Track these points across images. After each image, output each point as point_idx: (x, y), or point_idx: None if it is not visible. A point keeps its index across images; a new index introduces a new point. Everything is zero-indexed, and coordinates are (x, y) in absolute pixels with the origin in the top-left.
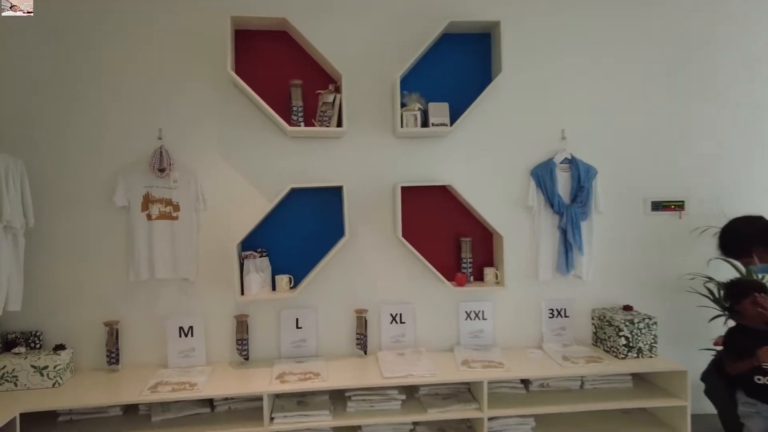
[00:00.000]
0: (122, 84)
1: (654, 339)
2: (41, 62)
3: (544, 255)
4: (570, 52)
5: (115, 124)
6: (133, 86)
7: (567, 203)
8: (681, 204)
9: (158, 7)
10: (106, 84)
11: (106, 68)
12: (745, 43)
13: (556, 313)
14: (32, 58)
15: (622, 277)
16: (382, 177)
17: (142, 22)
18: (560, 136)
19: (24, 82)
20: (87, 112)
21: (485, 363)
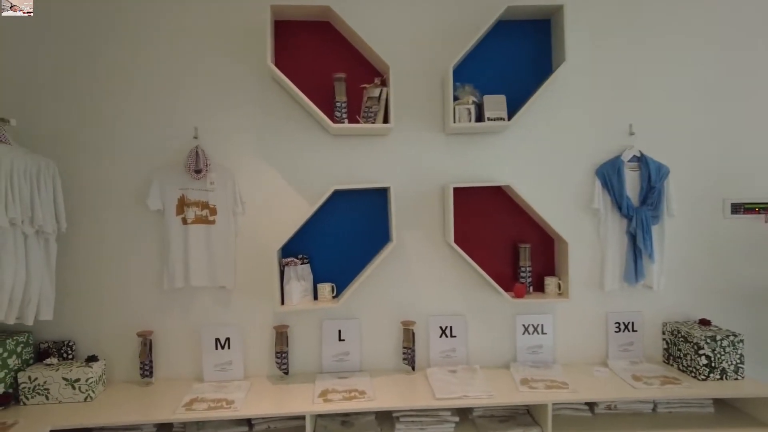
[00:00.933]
0: (156, 80)
1: (740, 359)
2: (73, 61)
3: (610, 263)
4: (640, 40)
5: (148, 123)
6: (168, 82)
7: (636, 205)
8: (765, 206)
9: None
10: (139, 81)
11: (139, 64)
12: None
13: (623, 327)
14: (63, 56)
15: (697, 287)
16: (431, 177)
17: (176, 13)
18: (628, 132)
19: (56, 82)
20: (120, 110)
21: (547, 383)
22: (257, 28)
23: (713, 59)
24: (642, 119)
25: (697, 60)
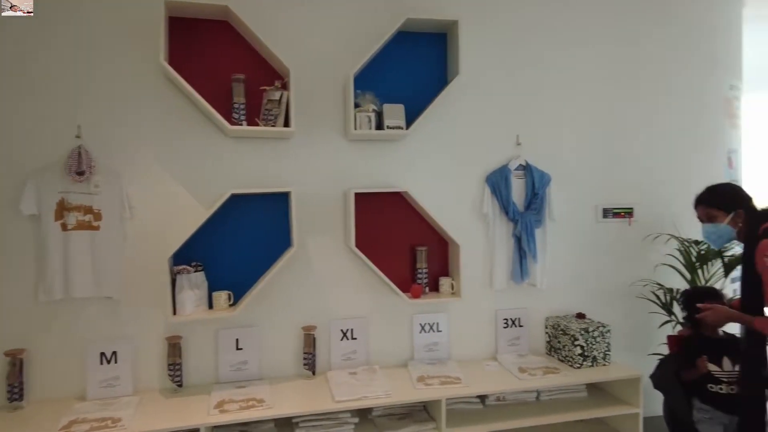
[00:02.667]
0: (33, 74)
1: (608, 347)
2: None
3: (499, 263)
4: (528, 57)
5: (24, 121)
6: (47, 77)
7: (521, 211)
8: (630, 211)
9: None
10: (13, 73)
11: (14, 55)
12: (697, 58)
13: (511, 323)
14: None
15: (574, 284)
16: (333, 182)
17: (66, 4)
18: (515, 142)
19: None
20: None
21: (442, 379)
22: (151, 24)
23: (593, 80)
24: (528, 131)
25: (578, 79)
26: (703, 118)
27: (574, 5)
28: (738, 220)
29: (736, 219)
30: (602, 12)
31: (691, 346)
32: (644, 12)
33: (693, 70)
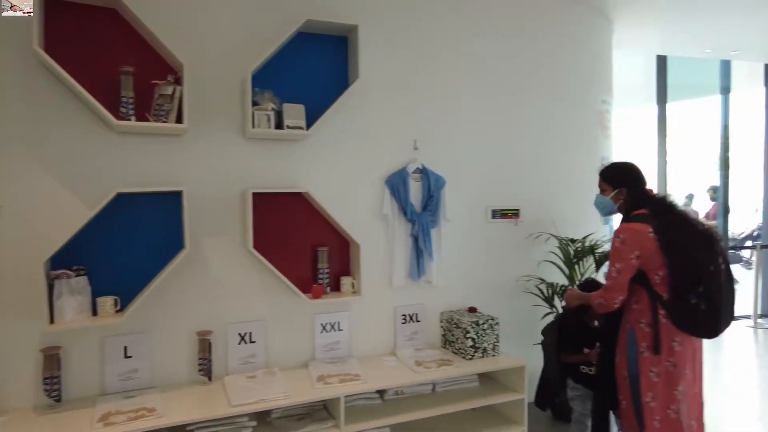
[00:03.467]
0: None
1: (497, 338)
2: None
3: (397, 262)
4: (425, 64)
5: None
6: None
7: (418, 211)
8: (516, 212)
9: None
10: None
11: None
12: (575, 74)
13: (409, 319)
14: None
15: (467, 280)
16: (230, 182)
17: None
18: (413, 146)
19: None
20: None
21: (342, 377)
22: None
23: (484, 90)
24: (425, 136)
25: (470, 89)
26: (580, 128)
27: (469, 19)
28: (620, 197)
29: (619, 195)
30: (493, 28)
31: (572, 334)
32: (531, 30)
33: (572, 85)
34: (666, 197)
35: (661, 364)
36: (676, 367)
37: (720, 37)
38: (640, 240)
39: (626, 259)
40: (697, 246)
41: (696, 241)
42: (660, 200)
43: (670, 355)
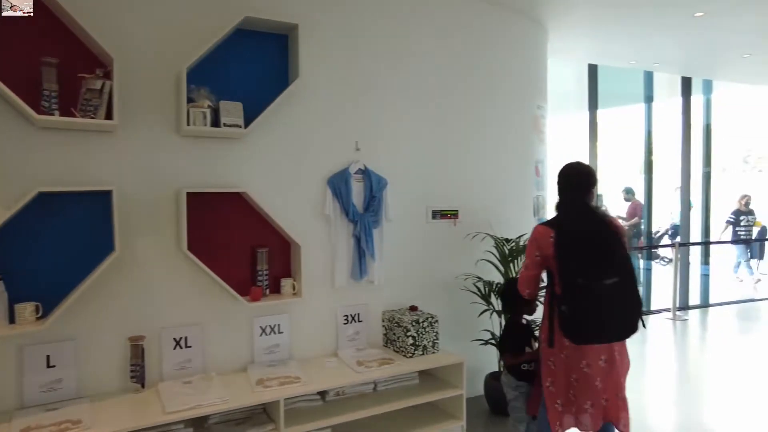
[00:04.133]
0: None
1: (436, 336)
2: None
3: (339, 262)
4: (367, 66)
5: None
6: None
7: (361, 212)
8: (455, 212)
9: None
10: None
11: None
12: (513, 80)
13: (351, 319)
14: None
15: (408, 279)
16: (164, 181)
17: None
18: (355, 147)
19: None
20: None
21: (282, 379)
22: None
23: (426, 94)
24: (367, 137)
25: (412, 92)
26: (517, 132)
27: (410, 24)
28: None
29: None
30: (433, 32)
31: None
32: (470, 35)
33: (509, 90)
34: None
35: (557, 356)
36: (569, 359)
37: (643, 50)
38: (539, 242)
39: (531, 256)
40: (579, 258)
41: (581, 253)
42: (572, 207)
43: (562, 349)
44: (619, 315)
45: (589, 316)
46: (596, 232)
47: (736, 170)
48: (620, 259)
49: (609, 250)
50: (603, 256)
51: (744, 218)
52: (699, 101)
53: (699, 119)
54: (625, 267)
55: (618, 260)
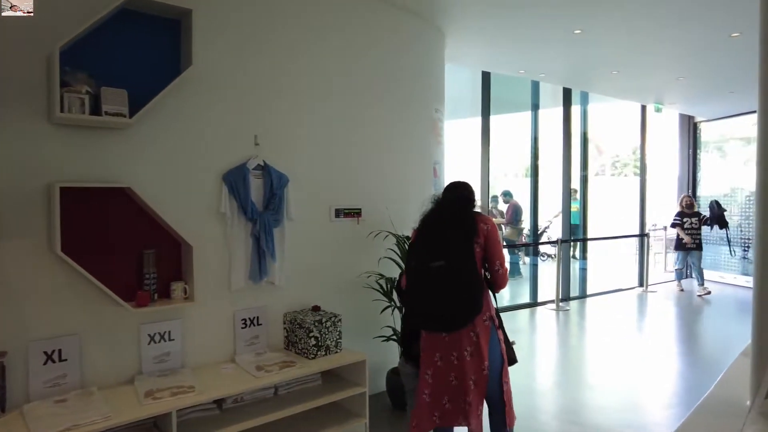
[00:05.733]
0: None
1: (339, 335)
2: None
3: (237, 263)
4: (267, 59)
5: None
6: None
7: (260, 210)
8: (358, 211)
9: None
10: None
11: None
12: (412, 84)
13: (250, 322)
14: None
15: (311, 279)
16: (32, 174)
17: None
18: (254, 142)
19: None
20: None
21: (173, 390)
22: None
23: (329, 91)
24: (267, 132)
25: (316, 89)
26: (416, 134)
27: (311, 22)
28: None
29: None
30: (335, 31)
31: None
32: (371, 36)
33: (408, 92)
34: (443, 205)
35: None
36: (424, 352)
37: (530, 61)
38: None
39: None
40: (417, 245)
41: (419, 242)
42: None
43: (424, 341)
44: (444, 300)
45: (416, 296)
46: (437, 225)
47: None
48: (453, 247)
49: (443, 239)
50: (435, 243)
51: (688, 220)
52: (578, 111)
53: (578, 127)
54: (456, 253)
55: (451, 247)
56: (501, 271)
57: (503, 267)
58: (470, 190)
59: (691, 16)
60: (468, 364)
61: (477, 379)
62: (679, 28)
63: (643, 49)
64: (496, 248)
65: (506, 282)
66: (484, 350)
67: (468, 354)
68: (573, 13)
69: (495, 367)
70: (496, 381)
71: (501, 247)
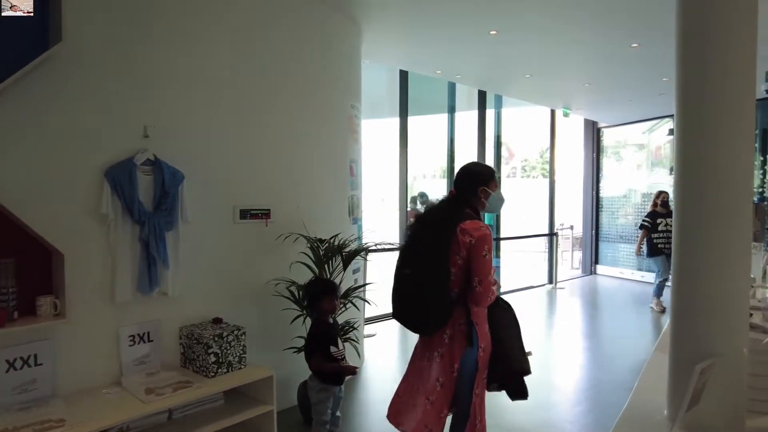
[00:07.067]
0: None
1: (243, 349)
2: None
3: (122, 272)
4: (161, 37)
5: None
6: None
7: (150, 211)
8: (267, 212)
9: None
10: None
11: None
12: (328, 77)
13: (138, 339)
14: None
15: (212, 288)
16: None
17: None
18: (143, 134)
19: None
20: None
21: (37, 426)
22: None
23: (235, 80)
24: (159, 123)
25: (217, 79)
26: (330, 130)
27: (215, 9)
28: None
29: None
30: (244, 17)
31: (318, 335)
32: (282, 26)
33: (324, 87)
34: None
35: None
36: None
37: (447, 61)
38: None
39: None
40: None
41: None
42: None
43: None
44: (408, 308)
45: (392, 298)
46: (418, 229)
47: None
48: (423, 257)
49: (416, 246)
50: (409, 249)
51: (662, 221)
52: (492, 114)
53: (492, 130)
54: (424, 264)
55: (421, 257)
56: (478, 289)
57: (482, 284)
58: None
59: (597, 25)
60: (437, 365)
61: (444, 381)
62: (587, 36)
63: (554, 54)
64: (477, 263)
65: (486, 300)
66: (457, 353)
67: (438, 355)
68: (489, 12)
69: (467, 372)
70: (466, 386)
71: (484, 261)
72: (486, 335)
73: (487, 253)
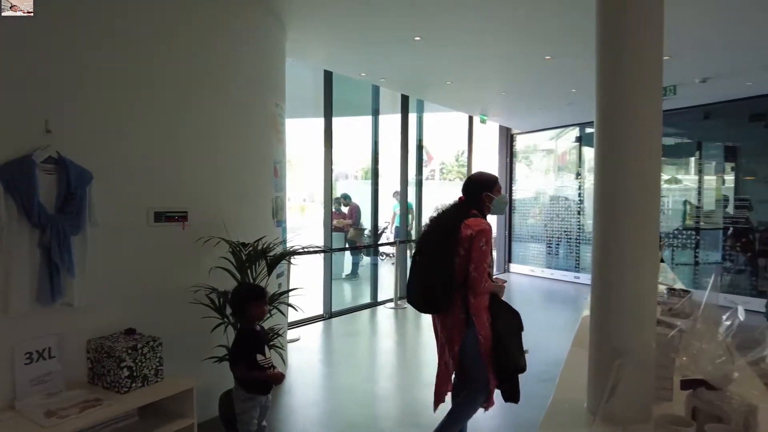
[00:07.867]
0: None
1: (160, 361)
2: None
3: (18, 282)
4: (65, 23)
5: None
6: None
7: (52, 213)
8: (184, 214)
9: None
10: None
11: None
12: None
13: (38, 356)
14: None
15: (124, 297)
16: None
17: None
18: (44, 128)
19: None
20: None
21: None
22: None
23: (149, 75)
24: (63, 117)
25: (133, 68)
26: (253, 129)
27: None
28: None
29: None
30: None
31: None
32: (205, 19)
33: (246, 84)
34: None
35: None
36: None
37: (371, 64)
38: None
39: None
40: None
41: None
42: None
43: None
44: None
45: (408, 279)
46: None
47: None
48: (432, 248)
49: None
50: (424, 241)
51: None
52: (414, 118)
53: (414, 134)
54: (432, 254)
55: (430, 247)
56: (474, 274)
57: (477, 270)
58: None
59: (515, 37)
60: (443, 347)
61: (447, 361)
62: (505, 48)
63: (475, 63)
64: (475, 252)
65: (480, 285)
66: (456, 340)
67: (444, 338)
68: (414, 17)
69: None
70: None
71: (480, 251)
72: (485, 325)
73: (484, 245)
